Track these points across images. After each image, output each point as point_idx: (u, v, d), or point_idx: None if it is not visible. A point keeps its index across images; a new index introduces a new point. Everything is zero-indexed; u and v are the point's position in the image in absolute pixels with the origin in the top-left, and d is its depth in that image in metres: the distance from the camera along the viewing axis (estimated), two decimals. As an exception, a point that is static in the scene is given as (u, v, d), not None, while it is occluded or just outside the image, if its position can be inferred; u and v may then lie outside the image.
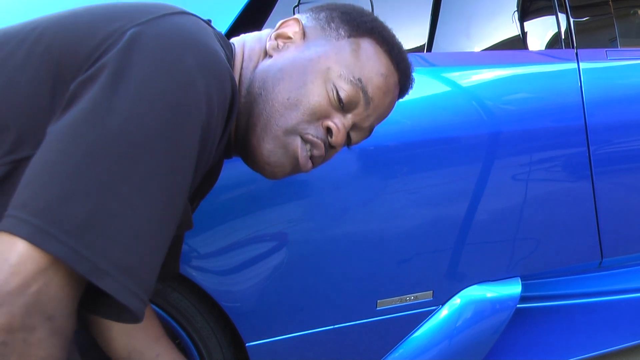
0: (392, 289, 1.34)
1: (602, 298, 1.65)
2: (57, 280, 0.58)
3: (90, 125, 0.60)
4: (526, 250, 1.46)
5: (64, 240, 0.57)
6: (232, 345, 1.30)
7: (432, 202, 1.32)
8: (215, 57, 0.69)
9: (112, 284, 0.59)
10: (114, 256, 0.59)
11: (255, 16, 1.24)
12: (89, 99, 0.62)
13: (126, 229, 0.60)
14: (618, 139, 1.50)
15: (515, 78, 1.43)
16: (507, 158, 1.36)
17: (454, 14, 1.42)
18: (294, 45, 0.85)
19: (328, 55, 0.83)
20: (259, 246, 1.20)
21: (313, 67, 0.82)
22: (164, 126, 0.62)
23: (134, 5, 0.74)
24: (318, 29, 0.86)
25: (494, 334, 1.46)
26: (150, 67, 0.64)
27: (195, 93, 0.65)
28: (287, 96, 0.81)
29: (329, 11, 0.88)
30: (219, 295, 1.20)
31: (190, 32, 0.69)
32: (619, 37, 1.61)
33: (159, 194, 0.62)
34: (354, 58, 0.84)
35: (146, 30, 0.67)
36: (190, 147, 0.65)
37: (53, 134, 0.62)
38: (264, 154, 0.82)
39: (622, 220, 1.56)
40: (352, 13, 0.88)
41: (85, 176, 0.58)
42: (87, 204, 0.58)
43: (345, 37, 0.85)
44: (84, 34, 0.68)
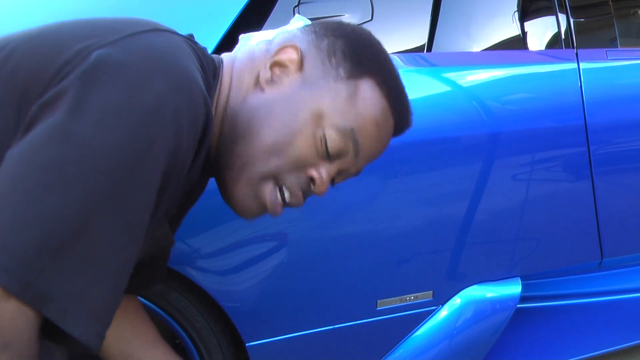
0: (392, 289, 1.34)
1: (602, 298, 1.65)
2: (9, 309, 0.56)
3: (47, 151, 0.58)
4: (526, 250, 1.46)
5: (11, 269, 0.55)
6: (232, 345, 1.30)
7: (432, 202, 1.31)
8: (188, 80, 0.65)
9: (55, 311, 0.57)
10: (61, 284, 0.57)
11: (255, 16, 1.24)
12: (48, 125, 0.59)
13: (77, 258, 0.58)
14: (618, 139, 1.50)
15: (515, 78, 1.43)
16: (507, 158, 1.36)
17: (454, 14, 1.42)
18: (289, 79, 0.78)
19: (323, 100, 0.77)
20: (259, 246, 1.20)
21: (305, 113, 0.76)
22: (125, 155, 0.60)
23: (104, 23, 0.71)
24: (318, 63, 0.79)
25: (494, 334, 1.46)
26: (114, 91, 0.61)
27: (162, 120, 0.62)
28: (273, 142, 0.75)
29: (332, 40, 0.80)
30: (219, 295, 1.20)
31: (162, 52, 0.66)
32: (619, 37, 1.61)
33: (117, 223, 0.60)
34: (350, 105, 0.77)
35: (112, 51, 0.63)
36: (153, 177, 0.62)
37: (8, 159, 0.60)
38: (234, 196, 0.78)
39: (622, 220, 1.56)
40: (357, 46, 0.80)
41: (39, 204, 0.56)
42: (38, 232, 0.56)
43: (344, 78, 0.78)
44: (48, 56, 0.65)
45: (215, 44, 1.17)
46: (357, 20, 1.31)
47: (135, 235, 0.62)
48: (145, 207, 0.63)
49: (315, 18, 1.26)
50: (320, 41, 0.80)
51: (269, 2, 1.25)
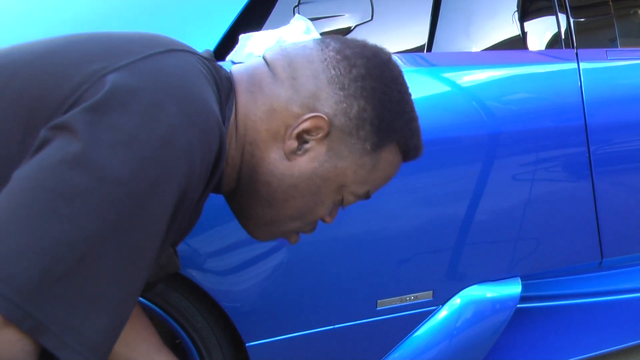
0: (392, 289, 1.34)
1: (602, 298, 1.65)
2: (7, 338, 0.55)
3: (54, 177, 0.57)
4: (526, 250, 1.46)
5: (11, 299, 0.54)
6: (232, 345, 1.30)
7: (432, 202, 1.31)
8: (201, 107, 0.64)
9: (52, 341, 0.56)
10: (59, 315, 0.56)
11: (255, 16, 1.24)
12: (58, 150, 0.58)
13: (78, 290, 0.57)
14: (618, 139, 1.50)
15: (515, 78, 1.43)
16: (507, 158, 1.36)
17: (454, 14, 1.42)
18: (314, 152, 0.77)
19: (346, 174, 0.79)
20: (259, 246, 1.20)
21: (328, 187, 0.80)
22: (134, 187, 0.58)
23: (117, 40, 0.69)
24: (345, 134, 0.77)
25: (494, 334, 1.46)
26: (127, 121, 0.59)
27: (174, 151, 0.60)
28: (296, 213, 0.81)
29: (362, 106, 0.76)
30: (219, 295, 1.20)
31: (175, 79, 0.64)
32: (619, 37, 1.61)
33: (121, 256, 0.59)
34: (371, 173, 0.81)
35: (125, 78, 0.62)
36: (162, 210, 0.61)
37: (16, 180, 0.58)
38: (255, 236, 0.86)
39: (622, 220, 1.56)
40: (386, 113, 0.78)
41: (42, 233, 0.55)
42: (40, 262, 0.55)
43: (369, 152, 0.79)
44: (58, 77, 0.64)
45: (215, 44, 1.17)
46: (357, 20, 1.31)
47: (140, 268, 0.61)
48: (152, 240, 0.61)
49: (315, 18, 1.26)
50: (350, 107, 0.76)
51: (269, 2, 1.25)
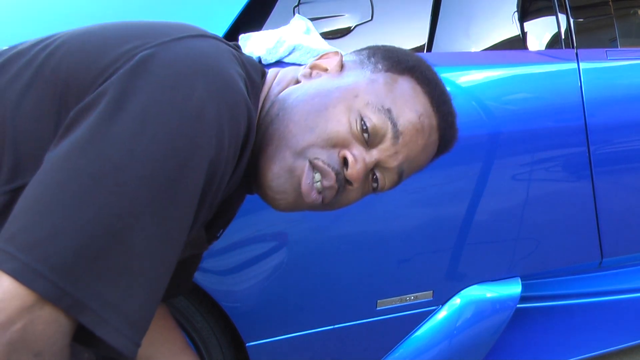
0: (392, 289, 1.34)
1: (602, 298, 1.65)
2: (43, 318, 0.56)
3: (85, 156, 0.57)
4: (526, 250, 1.46)
5: (49, 278, 0.55)
6: (232, 345, 1.30)
7: (432, 202, 1.31)
8: (230, 85, 0.64)
9: (92, 318, 0.57)
10: (98, 292, 0.57)
11: (255, 16, 1.24)
12: (87, 127, 0.58)
13: (115, 267, 0.57)
14: (618, 139, 1.50)
15: (515, 78, 1.43)
16: (507, 158, 1.36)
17: (454, 13, 1.42)
18: (327, 75, 0.79)
19: (359, 85, 0.76)
20: (259, 246, 1.20)
21: (339, 93, 0.75)
22: (166, 161, 0.58)
23: (150, 26, 0.70)
24: (357, 63, 0.80)
25: (494, 334, 1.46)
26: (156, 95, 0.60)
27: (204, 125, 0.60)
28: (305, 118, 0.73)
29: (372, 49, 0.82)
30: (219, 295, 1.20)
31: (206, 57, 0.65)
32: (619, 37, 1.61)
33: (155, 232, 0.59)
34: (387, 90, 0.76)
35: (157, 54, 0.62)
36: (194, 184, 0.61)
37: (48, 163, 0.59)
38: (267, 176, 0.74)
39: (622, 220, 1.56)
40: (396, 52, 0.82)
41: (77, 211, 0.56)
42: (77, 240, 0.56)
43: (382, 70, 0.78)
44: (92, 57, 0.64)
45: (215, 44, 1.17)
46: (357, 20, 1.31)
47: (173, 243, 0.61)
48: (185, 215, 0.61)
49: (315, 18, 1.26)
50: (361, 51, 0.83)
51: (269, 2, 1.25)
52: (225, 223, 0.88)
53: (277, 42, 1.16)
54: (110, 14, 1.24)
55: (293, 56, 1.17)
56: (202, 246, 0.84)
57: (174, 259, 0.62)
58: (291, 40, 1.16)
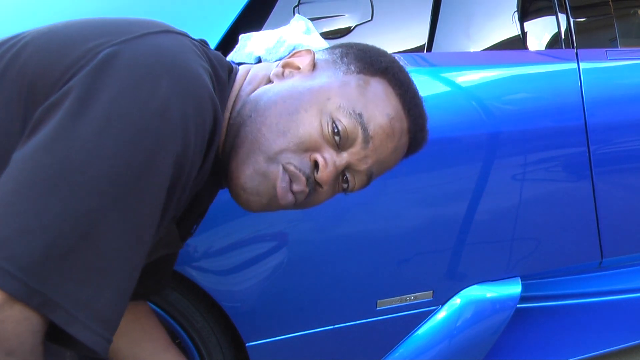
0: (392, 289, 1.34)
1: (602, 298, 1.65)
2: (14, 317, 0.56)
3: (51, 155, 0.57)
4: (526, 250, 1.46)
5: (18, 276, 0.55)
6: (232, 345, 1.30)
7: (432, 202, 1.32)
8: (195, 80, 0.65)
9: (63, 316, 0.57)
10: (68, 290, 0.57)
11: (255, 16, 1.24)
12: (52, 126, 0.58)
13: (83, 264, 0.57)
14: (618, 139, 1.50)
15: (515, 78, 1.43)
16: (507, 158, 1.36)
17: (454, 13, 1.42)
18: (300, 74, 0.79)
19: (331, 87, 0.76)
20: (259, 246, 1.20)
21: (311, 95, 0.75)
22: (131, 158, 0.59)
23: (114, 23, 0.70)
24: (329, 62, 0.80)
25: (494, 334, 1.46)
26: (121, 92, 0.60)
27: (169, 121, 0.61)
28: (277, 121, 0.74)
29: (346, 48, 0.82)
30: (219, 295, 1.20)
31: (169, 53, 0.65)
32: (619, 37, 1.61)
33: (123, 229, 0.59)
34: (359, 93, 0.76)
35: (121, 51, 0.62)
36: (160, 181, 0.61)
37: (14, 163, 0.59)
38: (240, 179, 0.74)
39: (622, 220, 1.56)
40: (369, 52, 0.81)
41: (44, 210, 0.56)
42: (44, 239, 0.56)
43: (354, 72, 0.78)
44: (56, 55, 0.64)
45: (215, 44, 1.17)
46: (357, 20, 1.31)
47: (142, 240, 0.61)
48: (152, 212, 0.62)
49: (315, 18, 1.26)
50: (334, 49, 0.83)
51: (269, 2, 1.25)
52: (198, 218, 0.88)
53: (277, 42, 1.16)
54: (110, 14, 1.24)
55: (293, 56, 1.17)
56: (176, 244, 0.84)
57: (142, 254, 0.62)
58: (291, 40, 1.16)
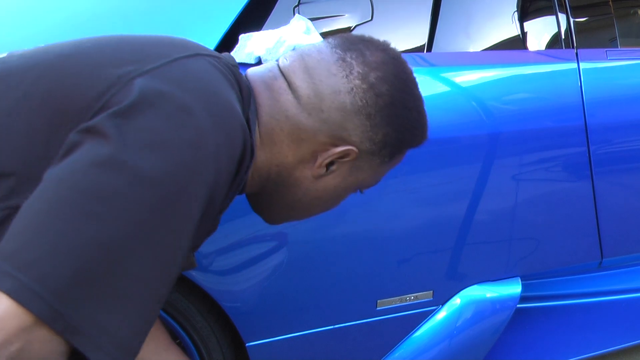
0: (392, 289, 1.34)
1: (602, 298, 1.65)
2: (40, 338, 0.56)
3: (88, 179, 0.58)
4: (526, 250, 1.46)
5: (46, 299, 0.55)
6: (232, 345, 1.30)
7: (432, 202, 1.31)
8: (227, 110, 0.66)
9: (85, 342, 0.57)
10: (92, 316, 0.57)
11: (255, 16, 1.24)
12: (90, 152, 0.59)
13: (110, 291, 0.57)
14: (618, 139, 1.50)
15: (515, 78, 1.43)
16: (507, 158, 1.36)
17: (454, 13, 1.42)
18: (339, 171, 0.82)
19: (365, 181, 0.85)
20: (259, 246, 1.20)
21: (347, 193, 0.86)
22: (168, 187, 0.59)
23: (143, 44, 0.70)
24: (368, 154, 0.81)
25: (494, 334, 1.46)
26: (158, 124, 0.61)
27: (203, 152, 0.62)
28: (316, 213, 0.88)
29: (387, 130, 0.80)
30: (219, 295, 1.20)
31: (202, 83, 0.66)
32: (619, 37, 1.61)
33: (152, 258, 0.59)
34: (383, 173, 0.87)
35: (155, 82, 0.63)
36: (192, 211, 0.62)
37: (48, 182, 0.59)
38: (269, 222, 0.91)
39: (622, 220, 1.56)
40: (407, 133, 0.82)
41: (76, 233, 0.56)
42: (75, 262, 0.56)
43: (387, 162, 0.84)
44: (86, 80, 0.65)
45: (216, 44, 1.17)
46: (357, 20, 1.31)
47: (169, 269, 0.62)
48: (182, 241, 0.62)
49: (315, 18, 1.26)
50: (375, 134, 0.80)
51: (269, 2, 1.25)
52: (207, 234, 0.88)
53: (277, 42, 1.16)
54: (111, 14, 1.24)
55: (293, 56, 1.17)
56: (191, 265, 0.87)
57: (169, 284, 0.63)
58: (291, 40, 1.16)
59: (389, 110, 0.79)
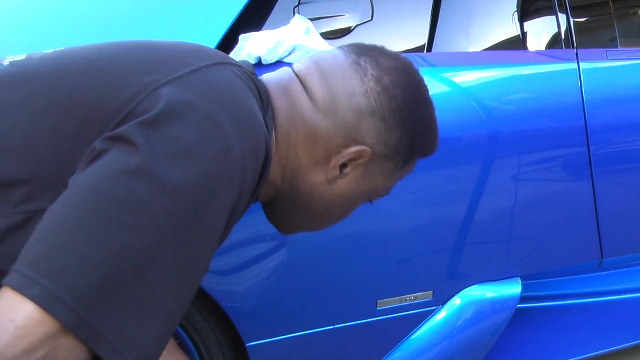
0: (392, 289, 1.34)
1: (602, 298, 1.65)
2: (64, 346, 0.56)
3: (117, 187, 0.57)
4: (526, 250, 1.46)
5: (72, 307, 0.55)
6: (232, 345, 1.30)
7: (432, 202, 1.31)
8: (252, 120, 0.66)
9: (107, 351, 0.57)
10: (115, 324, 0.57)
11: (255, 16, 1.24)
12: (117, 160, 0.59)
13: (133, 299, 0.57)
14: (618, 139, 1.50)
15: (515, 78, 1.43)
16: (507, 158, 1.36)
17: (454, 13, 1.42)
18: (353, 174, 0.82)
19: (377, 187, 0.85)
20: (259, 246, 1.20)
21: (360, 199, 0.85)
22: (194, 197, 0.59)
23: (169, 51, 0.70)
24: (382, 158, 0.81)
25: (494, 334, 1.46)
26: (186, 134, 0.61)
27: (230, 162, 0.62)
28: (330, 220, 0.87)
29: (400, 133, 0.80)
30: (219, 295, 1.20)
31: (228, 92, 0.66)
32: (619, 37, 1.61)
33: (177, 267, 0.59)
34: (396, 181, 0.87)
35: (182, 92, 0.63)
36: (217, 221, 0.62)
37: (75, 187, 0.59)
38: (282, 232, 0.90)
39: (622, 220, 1.56)
40: (420, 138, 0.83)
41: (103, 242, 0.56)
42: (100, 271, 0.56)
43: (400, 168, 0.84)
44: (113, 86, 0.65)
45: (216, 44, 1.17)
46: (357, 20, 1.31)
47: (193, 279, 0.62)
48: (207, 251, 0.62)
49: (315, 18, 1.26)
50: (389, 137, 0.80)
51: (269, 2, 1.25)
52: None
53: (277, 42, 1.16)
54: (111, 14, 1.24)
55: (293, 56, 1.17)
56: None
57: (192, 293, 0.63)
58: (291, 40, 1.16)
59: (402, 114, 0.79)
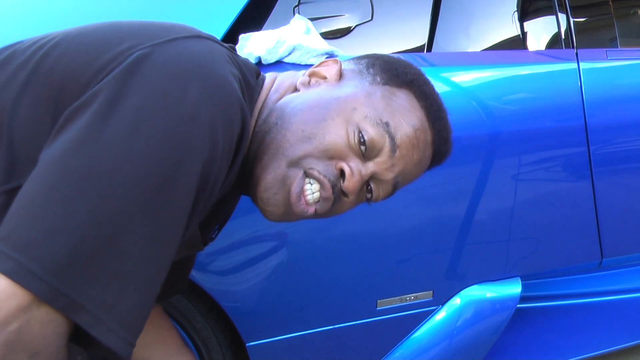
0: (392, 289, 1.34)
1: (602, 298, 1.65)
2: (39, 318, 0.56)
3: (79, 157, 0.57)
4: (526, 250, 1.46)
5: (44, 278, 0.55)
6: (232, 345, 1.30)
7: (432, 202, 1.31)
8: (224, 86, 0.64)
9: (88, 319, 0.57)
10: (92, 293, 0.57)
11: (255, 16, 1.24)
12: (80, 127, 0.58)
13: (108, 268, 0.57)
14: (618, 139, 1.50)
15: (515, 78, 1.43)
16: (507, 158, 1.36)
17: (454, 13, 1.42)
18: (326, 84, 0.79)
19: (357, 97, 0.76)
20: (259, 246, 1.20)
21: (338, 105, 0.75)
22: (159, 163, 0.58)
23: (145, 26, 0.70)
24: (355, 72, 0.80)
25: (494, 334, 1.46)
26: (150, 96, 0.60)
27: (198, 127, 0.60)
28: (302, 128, 0.73)
29: (372, 59, 0.82)
30: (219, 295, 1.20)
31: (200, 58, 0.64)
32: (619, 37, 1.61)
33: (149, 233, 0.59)
34: (385, 104, 0.77)
35: (152, 54, 0.62)
36: (187, 186, 0.61)
37: (42, 163, 0.59)
38: (260, 187, 0.74)
39: (622, 220, 1.56)
40: (395, 64, 0.82)
41: (70, 212, 0.56)
42: (70, 241, 0.56)
43: (380, 83, 0.78)
44: (87, 57, 0.64)
45: (215, 44, 1.17)
46: (357, 20, 1.31)
47: (167, 245, 0.61)
48: (178, 217, 0.61)
49: (315, 18, 1.26)
50: (360, 60, 0.83)
51: (269, 2, 1.25)
52: (221, 223, 0.87)
53: (277, 42, 1.16)
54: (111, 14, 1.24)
55: (293, 56, 1.17)
56: (197, 247, 0.83)
57: (168, 260, 0.62)
58: (291, 40, 1.16)
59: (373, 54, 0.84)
